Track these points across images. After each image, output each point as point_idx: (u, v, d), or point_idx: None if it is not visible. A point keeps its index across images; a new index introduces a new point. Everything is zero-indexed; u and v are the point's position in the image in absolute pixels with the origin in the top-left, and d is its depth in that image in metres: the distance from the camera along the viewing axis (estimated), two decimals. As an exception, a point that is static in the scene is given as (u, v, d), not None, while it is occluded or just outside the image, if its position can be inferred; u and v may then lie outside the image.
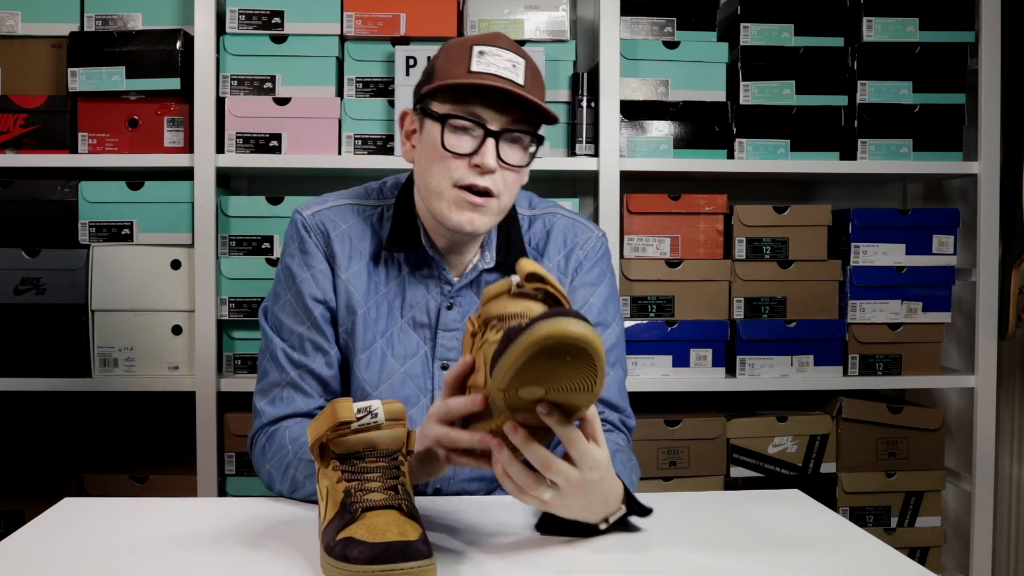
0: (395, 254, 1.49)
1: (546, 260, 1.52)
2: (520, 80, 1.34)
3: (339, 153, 2.32)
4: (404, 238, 1.47)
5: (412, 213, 1.49)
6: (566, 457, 1.12)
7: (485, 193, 1.37)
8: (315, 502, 1.35)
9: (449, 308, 1.48)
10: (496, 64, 1.33)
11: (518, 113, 1.36)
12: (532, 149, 1.40)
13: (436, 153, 1.37)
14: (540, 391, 1.06)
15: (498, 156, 1.35)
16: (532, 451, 1.09)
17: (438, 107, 1.37)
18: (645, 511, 1.24)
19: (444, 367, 1.47)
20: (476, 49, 1.35)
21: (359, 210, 1.51)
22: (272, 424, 1.46)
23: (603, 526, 1.20)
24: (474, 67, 1.33)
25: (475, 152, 1.35)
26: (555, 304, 1.13)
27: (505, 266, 1.49)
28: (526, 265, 1.12)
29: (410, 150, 1.46)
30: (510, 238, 1.50)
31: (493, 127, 1.35)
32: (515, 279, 1.13)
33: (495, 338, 1.09)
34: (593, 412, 1.12)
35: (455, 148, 1.35)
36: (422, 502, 1.26)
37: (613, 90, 2.33)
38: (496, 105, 1.35)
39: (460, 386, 1.16)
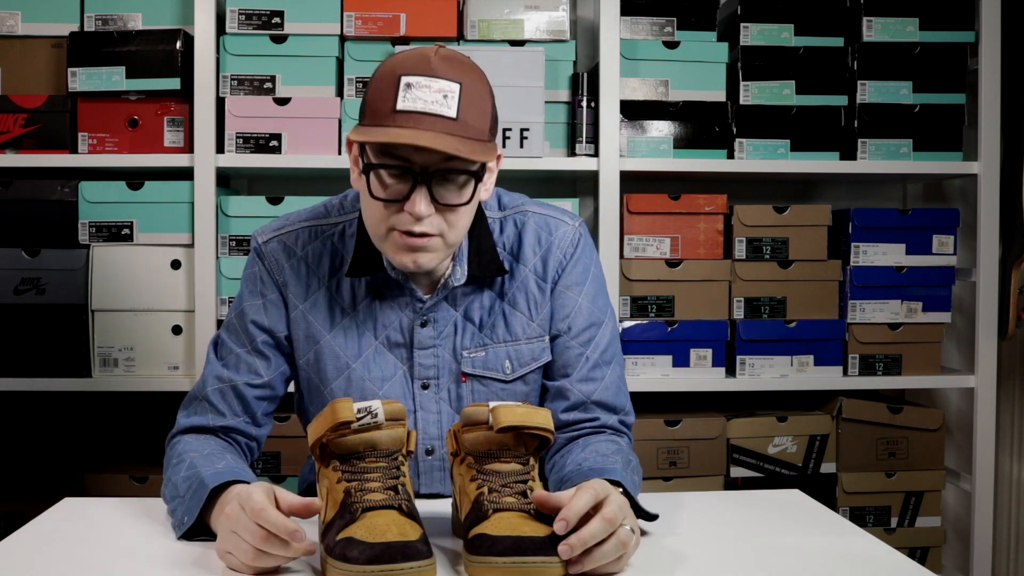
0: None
1: (522, 265, 1.43)
2: (452, 112, 1.23)
3: (339, 153, 2.32)
4: (365, 263, 1.39)
5: None
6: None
7: (423, 236, 1.28)
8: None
9: (423, 326, 1.40)
10: (423, 99, 1.23)
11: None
12: (472, 183, 1.28)
13: (369, 198, 1.29)
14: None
15: (433, 198, 1.26)
16: (600, 537, 1.06)
17: (368, 152, 1.28)
18: (651, 517, 1.25)
19: (424, 386, 1.42)
20: (404, 81, 1.23)
21: (317, 231, 1.43)
22: (180, 433, 1.41)
23: None
24: (400, 104, 1.23)
25: (406, 198, 1.25)
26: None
27: (478, 279, 1.41)
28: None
29: (357, 178, 1.34)
30: (482, 248, 1.41)
31: (423, 168, 1.24)
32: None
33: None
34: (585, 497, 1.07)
35: (384, 196, 1.27)
36: (422, 502, 1.26)
37: (613, 90, 2.33)
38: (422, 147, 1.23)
39: None
